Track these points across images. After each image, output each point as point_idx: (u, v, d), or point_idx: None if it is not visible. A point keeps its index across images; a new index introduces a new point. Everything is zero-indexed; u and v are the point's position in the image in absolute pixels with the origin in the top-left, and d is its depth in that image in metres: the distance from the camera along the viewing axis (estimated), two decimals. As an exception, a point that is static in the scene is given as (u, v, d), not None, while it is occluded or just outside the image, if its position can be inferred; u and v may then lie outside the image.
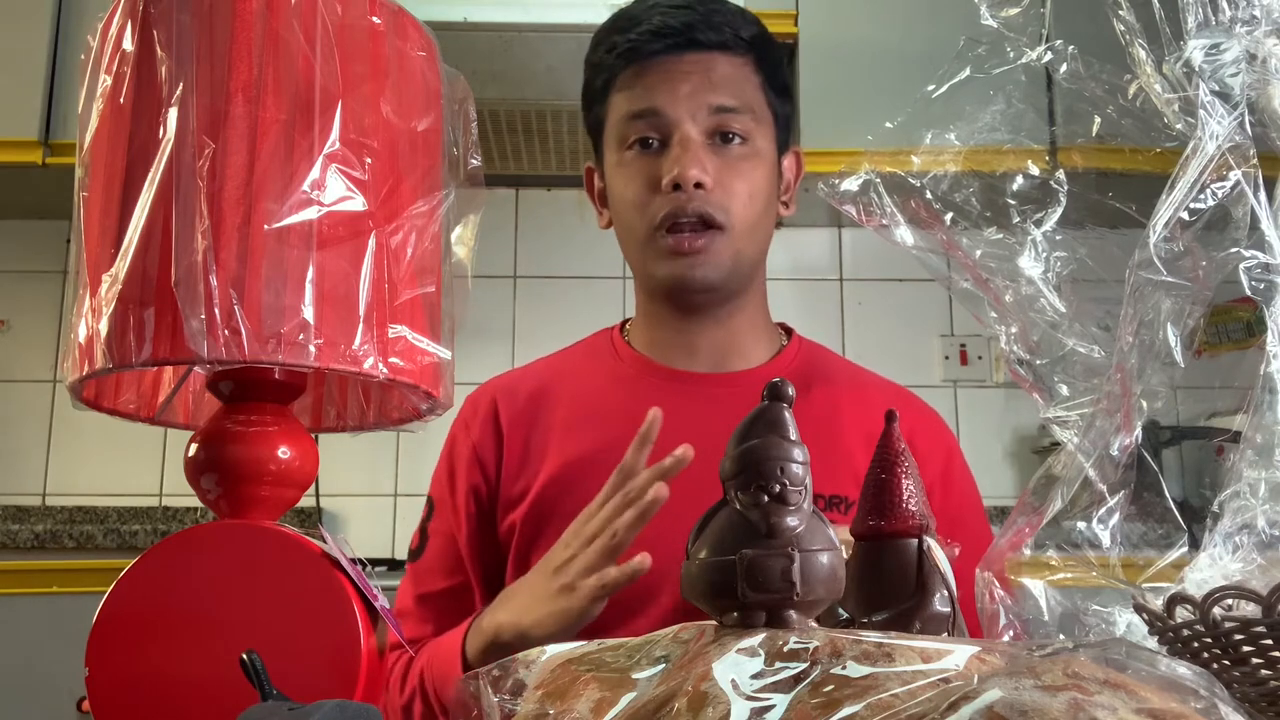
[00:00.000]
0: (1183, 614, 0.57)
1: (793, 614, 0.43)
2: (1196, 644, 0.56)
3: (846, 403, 1.17)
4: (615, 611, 0.97)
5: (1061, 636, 0.66)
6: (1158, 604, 0.58)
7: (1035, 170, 0.74)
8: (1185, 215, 0.63)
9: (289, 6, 0.72)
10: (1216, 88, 0.64)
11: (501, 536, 1.14)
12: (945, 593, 0.59)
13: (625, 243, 1.18)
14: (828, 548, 0.44)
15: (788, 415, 0.46)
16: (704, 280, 1.11)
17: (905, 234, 0.74)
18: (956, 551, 0.65)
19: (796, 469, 0.44)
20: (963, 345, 2.79)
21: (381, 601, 0.71)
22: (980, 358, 2.79)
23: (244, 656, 0.58)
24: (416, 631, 1.14)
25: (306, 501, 2.57)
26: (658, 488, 0.89)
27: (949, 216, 0.74)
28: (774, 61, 1.17)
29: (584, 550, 0.91)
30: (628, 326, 1.26)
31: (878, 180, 0.73)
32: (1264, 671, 0.54)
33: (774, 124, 1.17)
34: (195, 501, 2.13)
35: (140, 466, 2.65)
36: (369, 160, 0.72)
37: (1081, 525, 0.66)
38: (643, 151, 1.12)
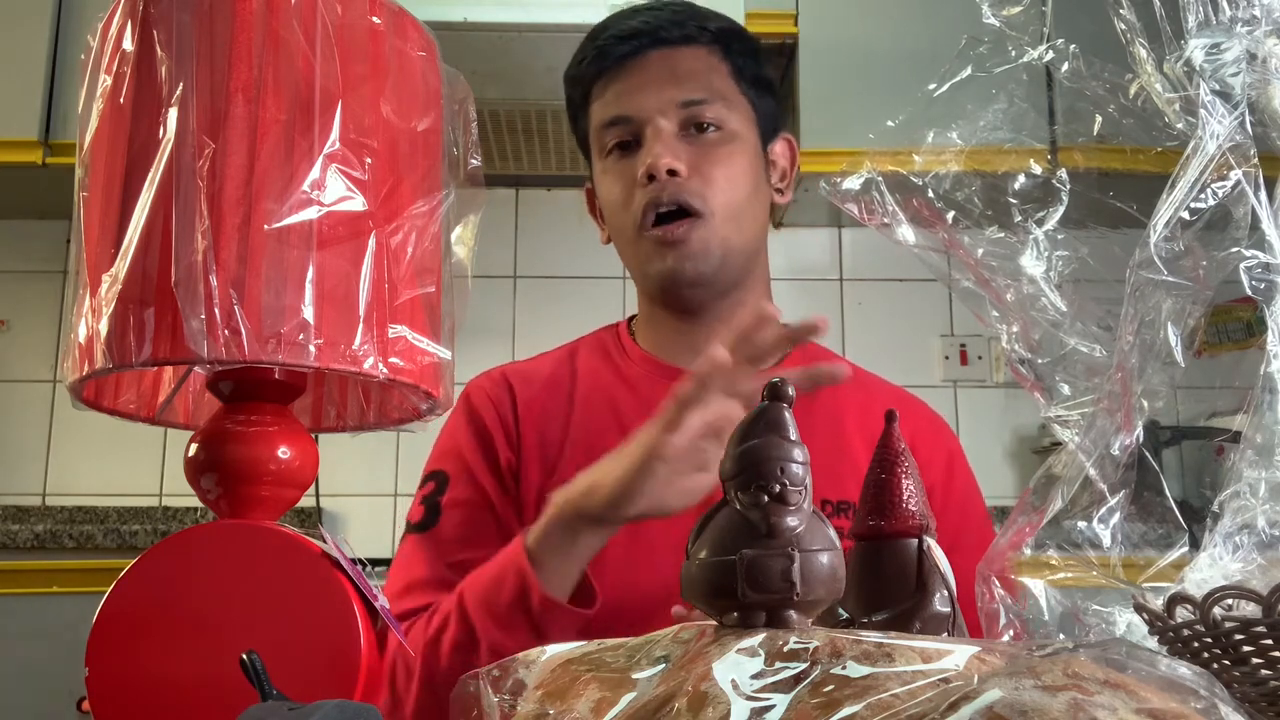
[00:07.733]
0: (1183, 614, 0.57)
1: (793, 614, 0.43)
2: (1196, 644, 0.56)
3: (851, 406, 1.17)
4: (618, 614, 0.96)
5: (1061, 636, 0.66)
6: (1158, 604, 0.58)
7: (1037, 169, 0.74)
8: (1186, 215, 0.63)
9: (289, 6, 0.72)
10: (1217, 87, 0.64)
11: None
12: (945, 593, 0.59)
13: (620, 247, 1.19)
14: (828, 548, 0.44)
15: (788, 415, 0.46)
16: (694, 273, 1.11)
17: (907, 233, 0.74)
18: None
19: (796, 469, 0.44)
20: (963, 345, 2.78)
21: (381, 601, 0.71)
22: (980, 358, 2.79)
23: (244, 656, 0.58)
24: (438, 597, 1.06)
25: (306, 501, 2.57)
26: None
27: (950, 215, 0.74)
28: (744, 52, 1.18)
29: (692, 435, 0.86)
30: (633, 325, 1.26)
31: (879, 179, 0.73)
32: (1264, 671, 0.54)
33: (752, 111, 1.17)
34: (195, 501, 2.13)
35: (140, 466, 2.65)
36: (369, 160, 0.72)
37: (1082, 525, 0.66)
38: (621, 155, 1.14)
